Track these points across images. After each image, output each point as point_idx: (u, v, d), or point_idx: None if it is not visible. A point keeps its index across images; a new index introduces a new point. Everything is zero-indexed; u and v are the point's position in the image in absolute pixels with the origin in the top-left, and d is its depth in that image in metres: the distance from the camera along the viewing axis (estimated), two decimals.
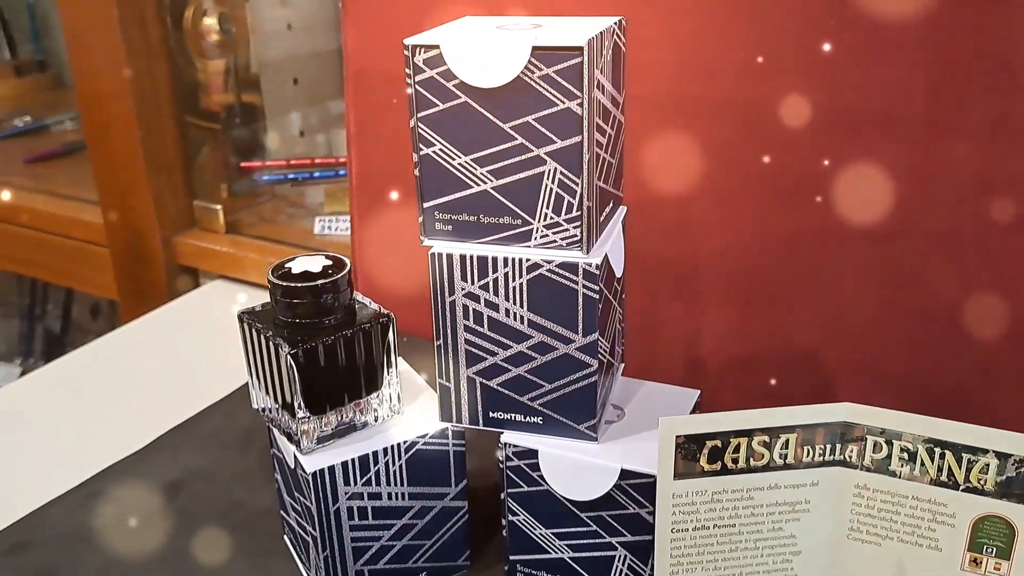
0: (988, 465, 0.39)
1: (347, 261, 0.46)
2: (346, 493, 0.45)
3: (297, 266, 0.45)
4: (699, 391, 0.50)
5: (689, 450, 0.41)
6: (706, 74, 0.59)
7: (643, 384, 0.51)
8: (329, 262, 0.45)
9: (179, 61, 0.98)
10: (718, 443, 0.41)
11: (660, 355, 0.67)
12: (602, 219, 0.44)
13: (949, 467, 0.40)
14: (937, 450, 0.40)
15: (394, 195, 0.74)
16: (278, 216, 1.01)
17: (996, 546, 0.40)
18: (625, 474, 0.44)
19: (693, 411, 0.49)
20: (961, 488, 0.40)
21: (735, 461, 0.42)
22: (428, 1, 0.65)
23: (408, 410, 0.49)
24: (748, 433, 0.41)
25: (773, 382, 0.63)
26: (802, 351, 0.62)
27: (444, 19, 0.45)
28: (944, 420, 0.39)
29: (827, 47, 0.54)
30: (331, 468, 0.44)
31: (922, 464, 0.40)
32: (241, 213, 1.01)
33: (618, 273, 0.45)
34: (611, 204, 0.46)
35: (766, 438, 0.41)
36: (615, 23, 0.43)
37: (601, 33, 0.40)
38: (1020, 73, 0.50)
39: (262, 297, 0.47)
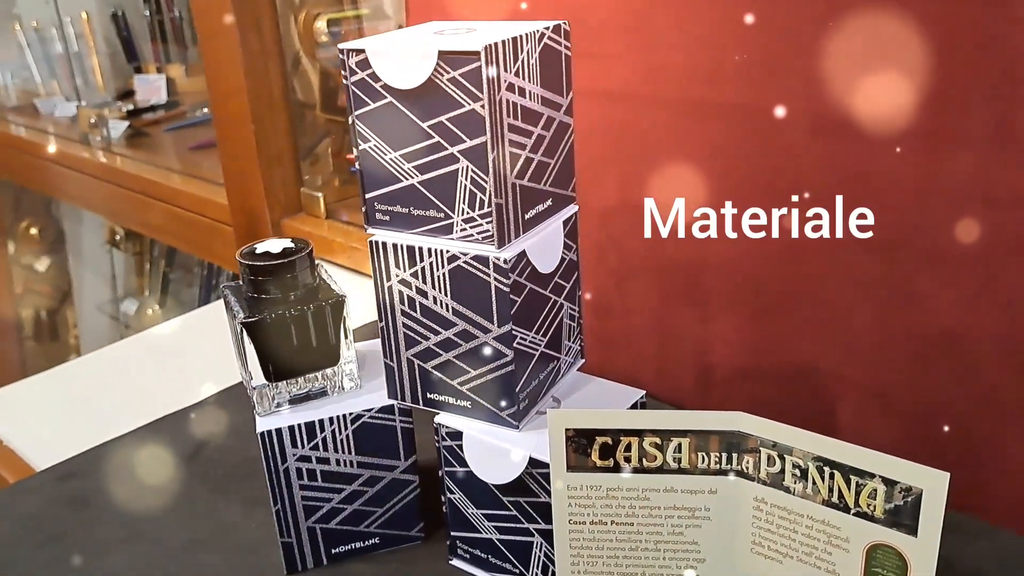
0: (876, 491, 0.37)
1: (309, 244, 0.50)
2: (294, 454, 0.50)
3: (262, 247, 0.50)
4: (643, 392, 0.50)
5: (580, 444, 0.42)
6: (712, 78, 0.58)
7: (593, 380, 0.52)
8: (292, 245, 0.50)
9: (318, 62, 1.08)
10: (608, 440, 0.42)
11: (671, 359, 0.67)
12: (528, 217, 0.45)
13: (839, 489, 0.38)
14: (827, 469, 0.38)
15: None
16: None
17: None
18: (534, 462, 0.45)
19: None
20: (852, 512, 0.38)
21: (627, 460, 0.42)
22: (484, 6, 0.69)
23: (371, 386, 0.52)
24: (639, 433, 0.42)
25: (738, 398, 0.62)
26: (804, 366, 0.59)
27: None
28: (832, 439, 0.38)
29: (829, 52, 0.52)
30: (279, 430, 0.49)
31: (814, 483, 0.39)
32: (345, 201, 1.10)
33: (543, 269, 0.46)
34: (547, 203, 0.47)
35: (657, 440, 0.41)
36: (547, 27, 0.44)
37: (516, 37, 0.42)
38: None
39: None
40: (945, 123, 0.49)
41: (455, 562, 0.52)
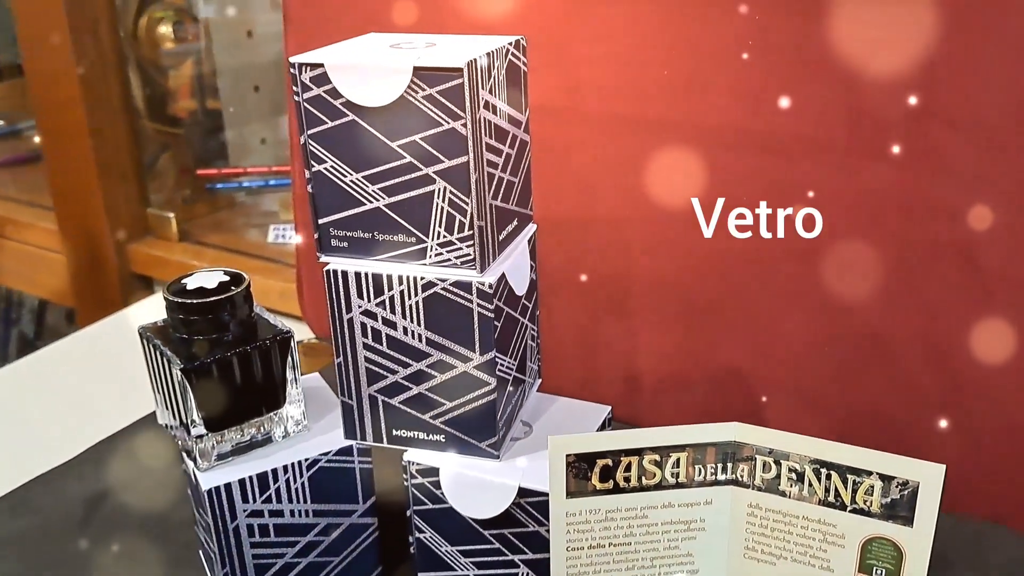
0: (872, 487, 0.39)
1: (246, 277, 0.46)
2: (245, 510, 0.45)
3: (193, 282, 0.45)
4: (610, 407, 0.49)
5: (580, 469, 0.41)
6: (641, 94, 0.58)
7: (556, 400, 0.51)
8: (227, 278, 0.45)
9: (140, 68, 0.98)
10: (609, 462, 0.41)
11: (601, 372, 0.67)
12: (502, 238, 0.44)
13: (836, 488, 0.40)
14: (823, 471, 0.40)
15: None
16: (233, 224, 1.01)
17: (885, 567, 0.40)
18: (523, 492, 0.43)
19: (602, 427, 0.48)
20: (849, 509, 0.40)
21: (627, 480, 0.41)
22: (369, 14, 0.65)
23: (317, 426, 0.48)
24: (639, 452, 0.41)
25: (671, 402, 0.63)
26: (733, 371, 0.61)
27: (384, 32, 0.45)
28: (829, 441, 0.39)
29: (751, 67, 0.54)
30: (228, 485, 0.44)
31: (810, 485, 0.40)
32: (196, 221, 1.01)
33: (519, 291, 0.45)
34: (514, 222, 0.45)
35: (657, 457, 0.41)
36: (510, 43, 0.43)
37: (490, 53, 0.40)
38: (939, 94, 0.50)
39: None
40: (862, 137, 0.53)
41: None
